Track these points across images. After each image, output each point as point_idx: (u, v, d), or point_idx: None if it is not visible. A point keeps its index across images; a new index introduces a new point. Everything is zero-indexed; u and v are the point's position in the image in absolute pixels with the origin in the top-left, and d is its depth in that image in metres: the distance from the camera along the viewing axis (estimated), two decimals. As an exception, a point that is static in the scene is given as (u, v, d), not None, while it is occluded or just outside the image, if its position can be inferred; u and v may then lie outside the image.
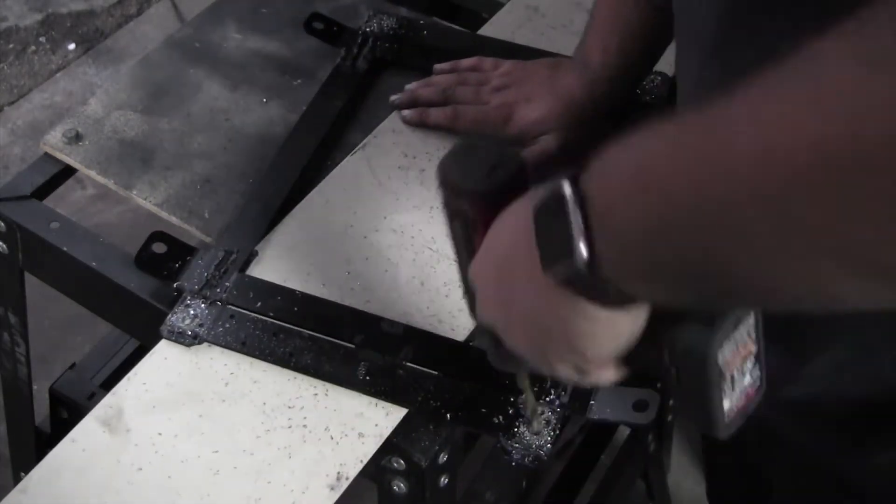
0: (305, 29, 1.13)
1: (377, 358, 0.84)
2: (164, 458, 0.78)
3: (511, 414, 0.82)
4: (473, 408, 0.82)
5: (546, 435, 0.81)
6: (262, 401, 0.81)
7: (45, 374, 1.42)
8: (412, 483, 0.82)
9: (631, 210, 0.47)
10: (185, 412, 0.80)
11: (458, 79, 1.04)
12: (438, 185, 0.63)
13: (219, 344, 0.84)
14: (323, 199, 0.97)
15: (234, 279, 0.89)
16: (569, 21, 1.15)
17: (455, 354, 0.86)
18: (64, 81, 2.23)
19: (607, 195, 0.49)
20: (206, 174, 1.00)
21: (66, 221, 0.97)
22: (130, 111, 1.05)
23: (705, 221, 0.42)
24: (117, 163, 1.00)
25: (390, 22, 1.13)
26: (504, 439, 0.81)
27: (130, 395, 0.81)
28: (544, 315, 0.56)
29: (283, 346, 0.84)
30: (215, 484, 0.76)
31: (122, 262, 0.92)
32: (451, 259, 0.91)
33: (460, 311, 0.88)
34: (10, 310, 1.08)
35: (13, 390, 1.20)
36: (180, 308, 0.87)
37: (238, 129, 1.04)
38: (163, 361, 0.84)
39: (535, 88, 0.99)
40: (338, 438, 0.79)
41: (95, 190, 1.97)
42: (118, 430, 0.79)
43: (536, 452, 0.80)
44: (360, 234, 0.94)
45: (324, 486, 0.77)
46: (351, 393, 0.82)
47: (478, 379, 0.83)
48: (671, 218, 0.44)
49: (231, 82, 1.09)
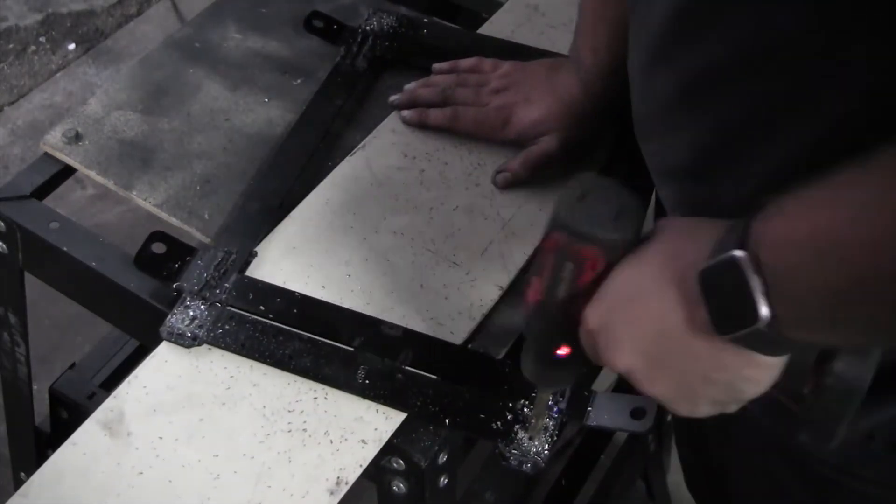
0: (305, 27, 1.13)
1: (376, 361, 0.84)
2: (164, 461, 0.78)
3: (509, 420, 0.81)
4: (472, 413, 0.82)
5: (544, 441, 0.81)
6: (262, 404, 0.81)
7: (45, 374, 1.42)
8: (412, 483, 0.82)
9: (809, 278, 0.51)
10: (186, 416, 0.80)
11: (458, 80, 1.04)
12: (555, 228, 0.63)
13: (218, 346, 0.84)
14: (322, 199, 0.97)
15: (234, 280, 0.89)
16: (568, 20, 1.15)
17: (454, 358, 0.86)
18: (64, 81, 2.23)
19: (782, 263, 0.52)
20: (206, 174, 1.00)
21: (66, 221, 0.97)
22: (130, 111, 1.05)
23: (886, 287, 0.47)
24: (117, 163, 1.00)
25: (390, 20, 1.13)
26: (502, 445, 0.81)
27: (131, 399, 0.81)
28: (708, 367, 0.60)
29: (283, 349, 0.84)
30: (216, 488, 0.76)
31: (121, 262, 0.92)
32: (451, 261, 0.92)
33: (459, 314, 0.88)
34: (10, 310, 1.08)
35: (13, 390, 1.20)
36: (180, 309, 0.86)
37: (238, 130, 1.04)
38: (163, 364, 0.83)
39: (534, 89, 0.99)
40: (337, 443, 0.79)
41: (95, 190, 1.97)
42: (119, 434, 0.79)
43: (534, 459, 0.80)
44: (360, 236, 0.93)
45: (323, 491, 0.77)
46: (350, 397, 0.82)
47: (476, 384, 0.84)
48: (850, 287, 0.49)
49: (231, 82, 1.09)
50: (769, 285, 0.52)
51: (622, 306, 0.62)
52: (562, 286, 0.65)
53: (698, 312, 0.57)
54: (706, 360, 0.59)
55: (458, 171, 1.00)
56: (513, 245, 0.94)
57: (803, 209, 0.51)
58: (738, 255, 0.53)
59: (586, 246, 0.62)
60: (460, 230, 0.94)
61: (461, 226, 0.95)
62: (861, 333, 0.53)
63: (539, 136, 0.98)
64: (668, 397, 0.63)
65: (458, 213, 0.96)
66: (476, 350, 0.87)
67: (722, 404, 0.62)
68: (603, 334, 0.64)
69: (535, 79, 1.00)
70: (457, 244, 0.93)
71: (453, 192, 0.98)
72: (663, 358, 0.61)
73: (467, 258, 0.92)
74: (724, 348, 0.58)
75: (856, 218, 0.48)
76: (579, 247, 0.62)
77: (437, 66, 1.07)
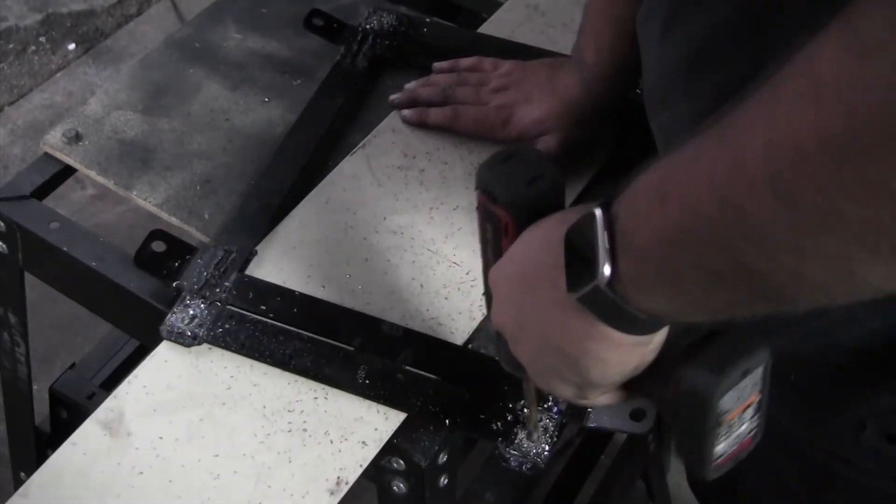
0: (305, 26, 1.13)
1: (376, 361, 0.84)
2: (164, 461, 0.78)
3: (509, 420, 0.81)
4: (472, 413, 0.82)
5: (543, 442, 0.81)
6: (262, 404, 0.81)
7: (45, 374, 1.42)
8: (412, 483, 0.82)
9: (652, 224, 0.48)
10: (186, 415, 0.80)
11: (458, 79, 1.04)
12: (476, 188, 0.64)
13: (218, 345, 0.84)
14: (323, 199, 0.97)
15: (234, 279, 0.88)
16: (569, 19, 1.15)
17: (454, 358, 0.86)
18: (64, 81, 2.23)
19: (631, 214, 0.50)
20: (206, 174, 1.00)
21: (66, 221, 0.97)
22: (130, 111, 1.05)
23: (726, 225, 0.44)
24: (117, 163, 1.00)
25: (390, 19, 1.13)
26: (502, 446, 0.80)
27: (131, 399, 0.81)
28: (558, 334, 0.58)
29: (283, 348, 0.84)
30: (216, 488, 0.76)
31: (121, 261, 0.92)
32: (451, 261, 0.91)
33: (460, 314, 0.88)
34: (10, 310, 1.08)
35: (13, 390, 1.20)
36: (179, 308, 0.86)
37: (238, 129, 1.04)
38: (163, 364, 0.83)
39: (534, 89, 0.99)
40: (338, 443, 0.79)
41: (95, 190, 1.97)
42: (119, 434, 0.79)
43: (534, 460, 0.80)
44: (360, 236, 0.93)
45: (323, 491, 0.77)
46: (351, 397, 0.82)
47: (477, 384, 0.83)
48: (691, 226, 0.46)
49: (231, 82, 1.09)
50: (615, 242, 0.51)
51: (509, 267, 0.63)
52: (488, 250, 0.66)
53: (560, 272, 0.56)
54: (557, 327, 0.58)
55: (459, 170, 1.00)
56: (513, 245, 0.93)
57: (660, 160, 0.50)
58: (594, 210, 0.52)
59: (496, 206, 0.63)
60: (460, 230, 0.94)
61: (461, 225, 0.95)
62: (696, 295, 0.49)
63: (539, 136, 0.98)
64: (530, 368, 0.63)
65: (458, 213, 0.96)
66: (476, 350, 0.87)
67: (574, 386, 0.61)
68: (493, 293, 0.65)
69: (536, 78, 1.00)
70: (457, 244, 0.93)
71: (453, 191, 0.98)
72: (528, 322, 0.61)
73: (467, 258, 0.92)
74: (573, 315, 0.56)
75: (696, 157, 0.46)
76: (494, 207, 0.63)
77: (438, 66, 1.07)
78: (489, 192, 0.63)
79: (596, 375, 0.59)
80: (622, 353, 0.57)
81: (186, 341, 0.84)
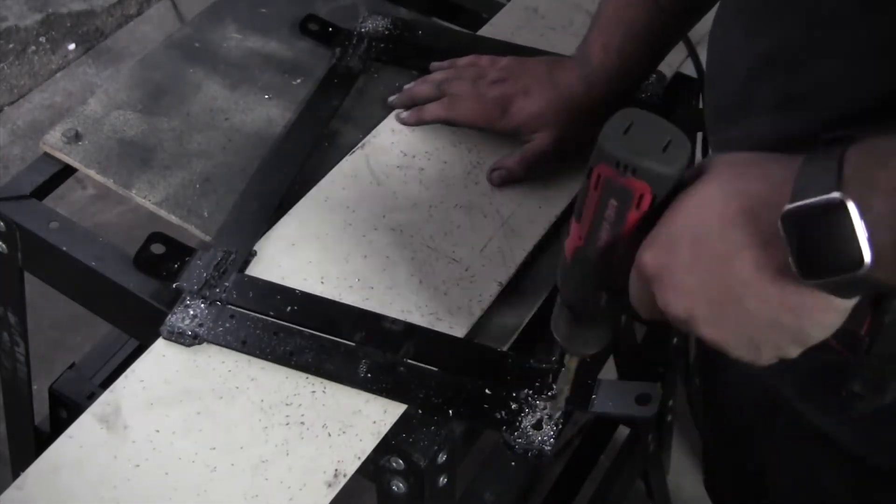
0: (301, 30, 1.14)
1: (378, 355, 0.84)
2: (161, 454, 0.78)
3: (514, 409, 0.81)
4: (475, 403, 0.82)
5: (549, 430, 0.81)
6: (260, 398, 0.81)
7: (45, 374, 1.42)
8: (411, 483, 0.82)
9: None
10: (183, 409, 0.80)
11: (455, 73, 1.03)
12: (600, 161, 0.59)
13: (219, 344, 0.84)
14: (322, 197, 0.97)
15: (234, 279, 0.89)
16: (568, 22, 1.15)
17: (456, 351, 0.86)
18: (64, 81, 2.23)
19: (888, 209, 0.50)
20: (206, 173, 1.00)
21: (66, 221, 0.97)
22: (130, 111, 1.05)
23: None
24: (117, 162, 1.01)
25: (385, 22, 1.14)
26: (507, 434, 0.81)
27: (128, 392, 0.81)
28: (779, 313, 0.57)
29: (284, 345, 0.84)
30: (213, 480, 0.76)
31: (121, 262, 0.92)
32: (450, 258, 0.92)
33: (459, 310, 0.88)
34: (9, 310, 1.08)
35: (13, 390, 1.20)
36: (180, 308, 0.87)
37: (237, 129, 1.04)
38: (161, 359, 0.84)
39: (533, 82, 0.98)
40: (335, 436, 0.79)
41: (95, 190, 1.97)
42: (116, 427, 0.79)
43: (540, 447, 0.80)
44: (359, 233, 0.94)
45: (321, 483, 0.77)
46: (348, 390, 0.82)
47: (480, 375, 0.84)
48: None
49: (230, 82, 1.09)
50: (874, 230, 0.51)
51: (683, 247, 0.59)
52: (605, 227, 0.61)
53: (775, 254, 0.55)
54: (776, 305, 0.57)
55: (458, 169, 1.00)
56: (512, 242, 0.94)
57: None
58: (838, 196, 0.51)
59: (634, 179, 0.58)
60: (459, 227, 0.94)
61: (460, 223, 0.95)
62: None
63: (537, 131, 0.97)
64: (730, 343, 0.61)
65: (457, 211, 0.96)
66: (478, 342, 0.87)
67: (785, 350, 0.60)
68: (660, 278, 0.61)
69: (535, 72, 0.99)
70: (456, 241, 0.93)
71: (452, 190, 0.98)
72: (728, 302, 0.58)
73: (466, 254, 0.92)
74: (798, 292, 0.55)
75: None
76: (626, 180, 0.58)
77: (435, 65, 1.07)
78: (623, 163, 0.58)
79: (817, 337, 0.59)
80: (843, 312, 0.57)
81: (187, 341, 0.84)
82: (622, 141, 0.59)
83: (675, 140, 0.59)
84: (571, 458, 1.32)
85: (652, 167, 0.58)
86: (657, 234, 0.60)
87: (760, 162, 0.59)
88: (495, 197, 0.97)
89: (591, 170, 0.60)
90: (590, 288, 0.67)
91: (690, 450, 1.63)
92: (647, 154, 0.58)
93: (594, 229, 0.62)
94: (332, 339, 0.85)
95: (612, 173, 0.59)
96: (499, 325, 0.90)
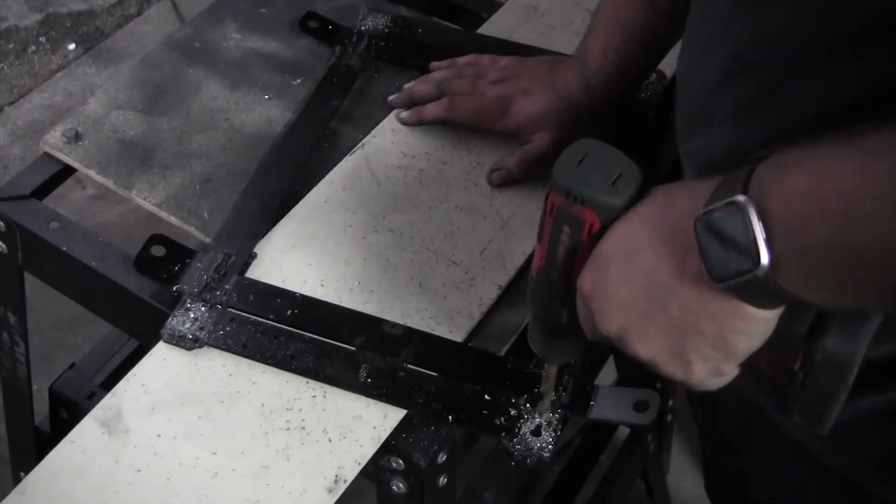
0: (301, 28, 1.14)
1: (378, 360, 0.84)
2: (162, 459, 0.78)
3: (512, 415, 0.82)
4: (475, 409, 0.82)
5: (547, 436, 0.81)
6: (261, 402, 0.81)
7: (45, 374, 1.42)
8: (411, 483, 0.82)
9: (817, 230, 0.50)
10: (184, 413, 0.80)
11: (455, 72, 1.03)
12: (550, 192, 0.63)
13: (220, 347, 0.84)
14: (322, 198, 0.97)
15: (234, 282, 0.89)
16: (568, 21, 1.15)
17: (456, 356, 0.86)
18: (64, 81, 2.23)
19: (795, 211, 0.52)
20: (206, 174, 1.00)
21: (66, 221, 0.97)
22: (130, 111, 1.05)
23: None
24: (117, 162, 1.00)
25: (385, 20, 1.13)
26: (506, 440, 0.81)
27: (129, 397, 0.81)
28: (699, 318, 0.59)
29: (284, 349, 0.84)
30: (214, 486, 0.76)
31: (121, 262, 0.92)
32: (450, 260, 0.92)
33: (459, 313, 0.88)
34: (9, 310, 1.08)
35: (13, 390, 1.20)
36: (180, 311, 0.86)
37: (237, 129, 1.04)
38: (162, 362, 0.84)
39: (533, 83, 0.98)
40: (336, 441, 0.79)
41: (95, 190, 1.97)
42: (117, 432, 0.79)
43: (539, 454, 0.80)
44: (359, 235, 0.94)
45: (322, 489, 0.77)
46: (349, 395, 0.82)
47: (479, 381, 0.84)
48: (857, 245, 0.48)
49: (230, 82, 1.09)
50: (772, 233, 0.52)
51: (615, 264, 0.62)
52: (560, 250, 0.65)
53: (690, 261, 0.57)
54: (697, 312, 0.59)
55: (458, 170, 1.00)
56: (512, 244, 0.94)
57: (826, 164, 0.51)
58: (740, 199, 0.53)
59: (583, 208, 0.62)
60: (459, 229, 0.94)
61: (460, 224, 0.95)
62: (866, 297, 0.52)
63: (537, 131, 0.97)
64: (662, 357, 0.63)
65: (457, 212, 0.96)
66: (478, 347, 0.87)
67: (715, 362, 0.61)
68: (596, 298, 0.64)
69: (535, 73, 0.99)
70: (456, 243, 0.93)
71: (452, 191, 0.98)
72: (655, 311, 0.61)
73: (466, 257, 0.92)
74: (714, 297, 0.57)
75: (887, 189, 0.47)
76: (577, 209, 0.62)
77: (435, 65, 1.07)
78: (573, 194, 0.62)
79: (742, 348, 0.60)
80: (765, 324, 0.58)
81: (188, 344, 0.84)
82: (575, 172, 0.62)
83: (626, 174, 0.62)
84: (571, 458, 1.32)
85: (599, 199, 0.62)
86: (594, 255, 0.63)
87: (691, 183, 0.62)
88: (495, 198, 0.97)
89: (547, 197, 0.64)
90: (553, 306, 0.70)
91: (690, 450, 1.64)
92: (596, 186, 0.62)
93: (552, 251, 0.66)
94: (332, 343, 0.85)
95: (564, 202, 0.63)
96: (499, 325, 0.90)
